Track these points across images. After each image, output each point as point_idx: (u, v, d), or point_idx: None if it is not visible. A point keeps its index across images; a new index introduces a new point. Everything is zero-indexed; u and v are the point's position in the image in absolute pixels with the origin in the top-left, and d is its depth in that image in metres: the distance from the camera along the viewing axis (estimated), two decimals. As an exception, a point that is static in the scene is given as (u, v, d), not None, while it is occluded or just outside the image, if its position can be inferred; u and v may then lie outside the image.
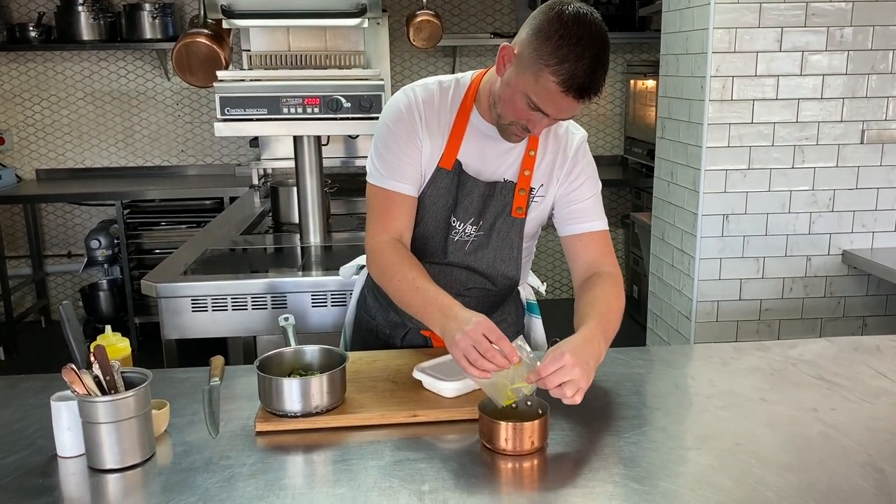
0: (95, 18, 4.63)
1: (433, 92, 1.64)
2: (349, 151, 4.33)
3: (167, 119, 5.05)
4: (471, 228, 1.67)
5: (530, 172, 1.65)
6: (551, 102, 1.44)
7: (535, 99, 1.44)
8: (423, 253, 1.69)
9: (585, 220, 1.70)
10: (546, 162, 1.67)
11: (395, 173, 1.62)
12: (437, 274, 1.69)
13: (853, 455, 1.30)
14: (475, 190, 1.64)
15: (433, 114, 1.63)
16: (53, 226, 5.13)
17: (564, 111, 1.46)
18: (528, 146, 1.65)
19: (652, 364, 1.77)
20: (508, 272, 1.73)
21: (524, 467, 1.28)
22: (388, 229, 1.63)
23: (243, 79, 2.52)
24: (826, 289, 3.15)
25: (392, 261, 1.58)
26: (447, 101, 1.64)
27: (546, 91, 1.42)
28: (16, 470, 1.27)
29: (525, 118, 1.50)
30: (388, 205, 1.64)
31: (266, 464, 1.28)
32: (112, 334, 1.54)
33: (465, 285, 1.73)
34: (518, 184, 1.65)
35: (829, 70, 2.94)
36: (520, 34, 1.48)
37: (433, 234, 1.68)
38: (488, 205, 1.65)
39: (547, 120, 1.49)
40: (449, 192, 1.64)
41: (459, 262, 1.70)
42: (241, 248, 2.91)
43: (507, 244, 1.70)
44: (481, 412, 1.32)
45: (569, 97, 1.41)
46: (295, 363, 1.51)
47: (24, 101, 4.94)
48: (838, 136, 3.00)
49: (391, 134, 1.63)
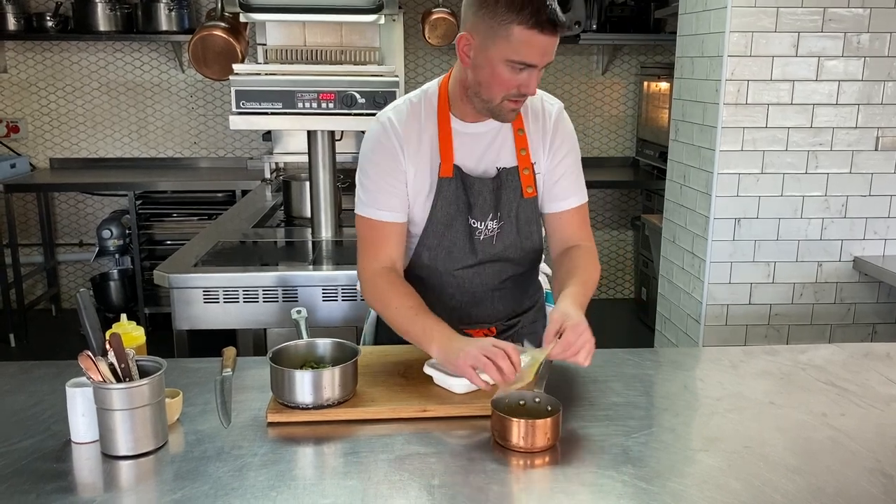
0: (112, 9, 4.66)
1: (405, 111, 1.65)
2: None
3: (181, 111, 5.08)
4: (491, 224, 1.68)
5: (526, 151, 1.67)
6: (533, 49, 1.45)
7: (516, 57, 1.45)
8: (453, 260, 1.70)
9: (566, 196, 1.73)
10: (534, 138, 1.69)
11: (379, 203, 1.65)
12: (471, 277, 1.72)
13: (862, 460, 1.31)
14: (484, 187, 1.66)
15: (412, 132, 1.64)
16: (66, 215, 5.16)
17: (548, 51, 1.47)
18: (515, 126, 1.67)
19: (661, 365, 1.78)
20: (534, 245, 1.75)
21: (533, 464, 1.28)
22: (380, 258, 1.66)
23: (259, 72, 2.53)
24: (836, 295, 3.14)
25: (385, 289, 1.62)
26: (421, 114, 1.65)
27: (523, 42, 1.43)
28: (31, 454, 1.28)
29: (515, 84, 1.50)
30: (377, 234, 1.66)
31: (277, 454, 1.29)
32: (127, 323, 1.56)
33: (500, 278, 1.75)
34: (520, 165, 1.67)
35: (844, 76, 2.93)
36: (465, 21, 1.52)
37: (457, 241, 1.69)
38: (500, 196, 1.67)
39: (536, 72, 1.49)
40: (458, 197, 1.65)
41: (489, 257, 1.71)
42: (252, 241, 2.92)
43: (527, 223, 1.71)
44: (494, 409, 1.33)
45: (545, 34, 1.43)
46: (307, 356, 1.52)
47: (39, 90, 4.97)
48: (852, 142, 2.99)
49: (371, 164, 1.66)
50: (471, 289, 1.74)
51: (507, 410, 1.34)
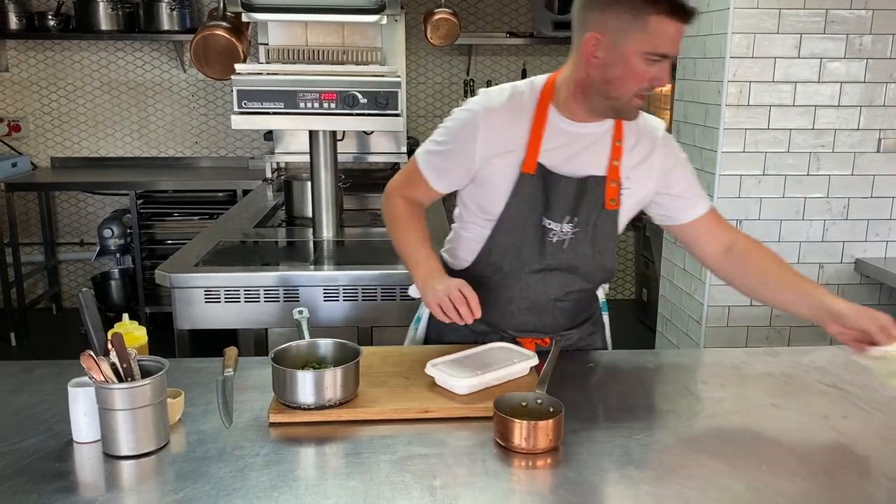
0: (114, 9, 4.66)
1: (505, 99, 1.64)
2: (363, 147, 4.34)
3: (182, 111, 5.08)
4: (567, 227, 1.65)
5: (619, 163, 1.65)
6: (669, 39, 1.46)
7: (653, 49, 1.46)
8: (521, 262, 1.68)
9: (693, 205, 1.73)
10: (632, 153, 1.67)
11: (434, 168, 1.71)
12: (535, 283, 1.70)
13: (864, 463, 1.30)
14: (568, 189, 1.63)
15: (503, 120, 1.62)
16: (67, 214, 5.16)
17: (676, 40, 1.48)
18: (615, 136, 1.65)
19: (662, 367, 1.78)
20: (606, 264, 1.74)
21: (535, 465, 1.28)
22: (407, 193, 1.77)
23: (261, 72, 2.53)
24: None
25: (403, 210, 1.75)
26: (521, 104, 1.64)
27: (660, 32, 1.45)
28: (33, 454, 1.28)
29: (648, 77, 1.49)
30: (417, 182, 1.74)
31: (279, 455, 1.29)
32: (129, 322, 1.56)
33: (564, 289, 1.72)
34: (608, 176, 1.65)
35: (847, 78, 2.93)
36: (586, 22, 1.53)
37: (527, 240, 1.67)
38: (581, 201, 1.64)
39: (668, 63, 1.50)
40: (535, 195, 1.63)
41: (559, 263, 1.68)
42: (253, 240, 2.92)
43: (604, 236, 1.69)
44: (496, 410, 1.33)
45: (678, 22, 1.45)
46: (309, 356, 1.52)
47: (41, 89, 4.97)
48: (854, 144, 2.99)
49: (450, 132, 1.68)
50: (532, 296, 1.71)
51: (509, 411, 1.34)
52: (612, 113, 1.60)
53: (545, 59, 5.12)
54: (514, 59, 5.10)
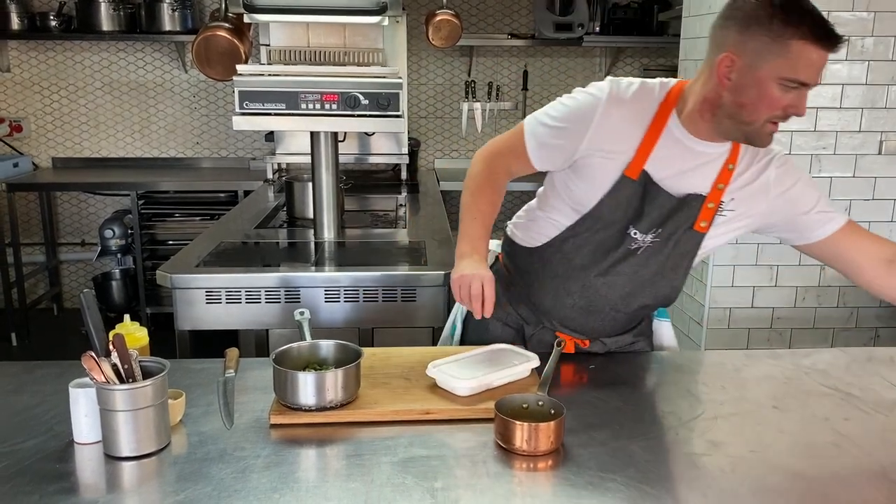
0: (115, 9, 4.66)
1: (634, 92, 1.58)
2: (364, 148, 4.34)
3: (183, 111, 5.08)
4: (649, 237, 1.61)
5: (724, 186, 1.59)
6: (810, 66, 1.39)
7: (792, 75, 1.39)
8: (595, 261, 1.65)
9: (827, 220, 1.64)
10: (743, 178, 1.60)
11: (539, 141, 1.64)
12: (599, 286, 1.66)
13: (866, 465, 1.30)
14: (666, 204, 1.58)
15: (624, 115, 1.56)
16: (68, 214, 5.16)
17: (818, 68, 1.41)
18: (728, 160, 1.58)
19: (664, 369, 1.78)
20: (675, 281, 1.68)
21: (536, 468, 1.28)
22: (500, 159, 1.71)
23: (262, 73, 2.53)
24: (839, 299, 3.14)
25: (483, 181, 1.70)
26: (645, 105, 1.57)
27: (802, 58, 1.38)
28: (34, 455, 1.28)
29: (782, 105, 1.43)
30: (516, 150, 1.67)
31: (280, 456, 1.29)
32: (130, 323, 1.56)
33: (626, 299, 1.68)
34: (708, 197, 1.59)
35: (848, 80, 2.93)
36: (723, 41, 1.46)
37: (606, 242, 1.63)
38: (673, 216, 1.60)
39: (806, 92, 1.43)
40: (631, 202, 1.58)
41: (627, 270, 1.65)
42: (254, 241, 2.92)
43: (680, 254, 1.64)
44: (497, 411, 1.33)
45: (822, 49, 1.39)
46: (310, 357, 1.52)
47: (42, 89, 4.97)
48: (856, 146, 2.99)
49: (563, 111, 1.61)
50: (592, 297, 1.69)
51: (511, 413, 1.33)
52: (741, 137, 1.52)
53: (547, 60, 5.12)
54: (516, 60, 5.10)
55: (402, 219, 3.40)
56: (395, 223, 3.36)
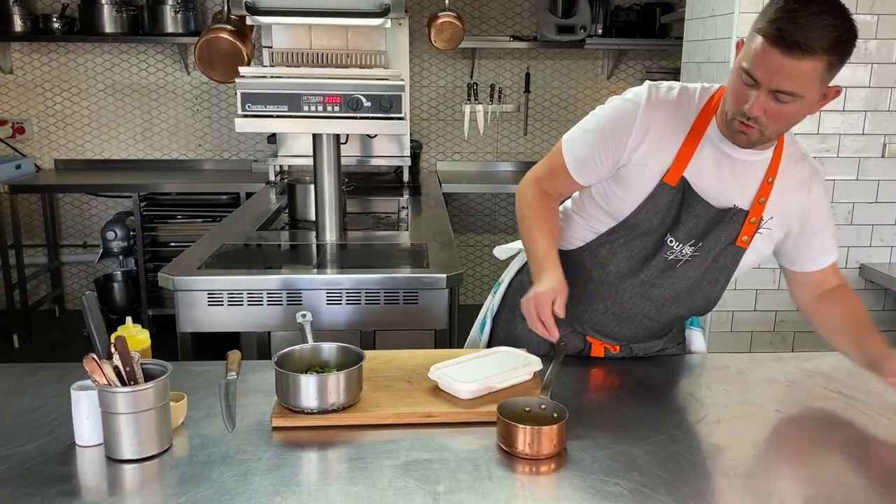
0: (118, 11, 4.66)
1: (674, 97, 1.55)
2: (366, 150, 4.34)
3: (186, 113, 5.08)
4: (688, 249, 1.59)
5: (765, 201, 1.56)
6: (758, 63, 1.33)
7: (747, 65, 1.35)
8: (631, 268, 1.63)
9: (819, 257, 1.66)
10: (782, 193, 1.57)
11: (578, 157, 1.61)
12: (632, 294, 1.65)
13: (870, 470, 1.30)
14: (704, 214, 1.55)
15: (664, 120, 1.53)
16: (70, 216, 5.16)
17: (769, 70, 1.32)
18: (768, 173, 1.55)
19: (666, 372, 1.77)
20: (712, 294, 1.66)
21: (539, 471, 1.28)
22: (545, 184, 1.69)
23: (265, 75, 2.53)
24: (842, 302, 3.13)
25: (537, 206, 1.67)
26: (685, 109, 1.54)
27: (757, 52, 1.33)
28: (35, 457, 1.28)
29: (743, 99, 1.39)
30: (557, 171, 1.66)
31: (282, 459, 1.28)
32: (132, 326, 1.55)
33: (660, 309, 1.67)
34: (750, 212, 1.56)
35: (851, 82, 2.92)
36: None
37: (643, 251, 1.61)
38: (713, 230, 1.57)
39: (760, 95, 1.36)
40: (669, 210, 1.56)
41: (664, 282, 1.63)
42: (256, 243, 2.92)
43: (719, 268, 1.63)
44: (500, 415, 1.32)
45: (773, 49, 1.30)
46: (312, 360, 1.51)
47: (45, 91, 4.98)
48: (859, 149, 2.99)
49: (602, 123, 1.58)
50: (625, 304, 1.67)
51: (513, 417, 1.33)
52: (726, 132, 1.50)
53: (549, 62, 5.12)
54: (518, 62, 5.10)
55: (404, 221, 3.40)
56: (397, 225, 3.36)
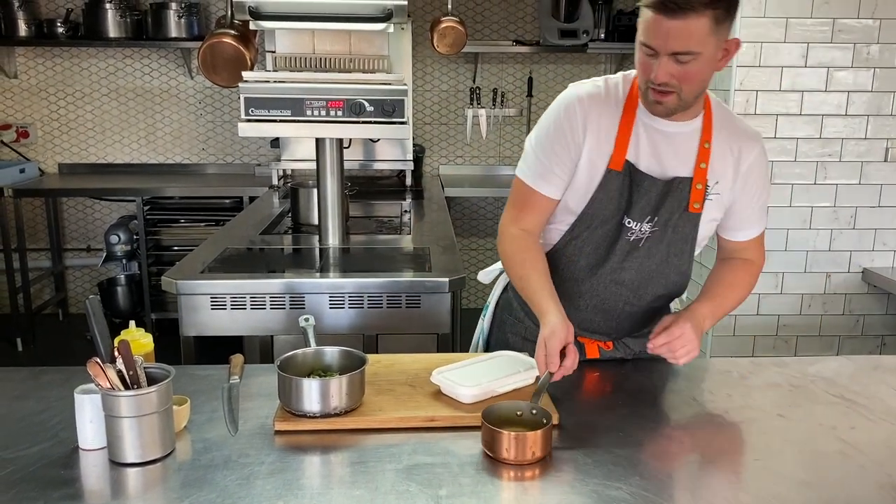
0: (122, 16, 4.68)
1: (601, 91, 1.63)
2: (369, 154, 4.35)
3: (189, 117, 5.09)
4: (646, 226, 1.64)
5: (706, 165, 1.62)
6: (650, 32, 1.44)
7: (643, 39, 1.46)
8: (598, 259, 1.67)
9: (744, 227, 1.73)
10: (720, 156, 1.63)
11: (542, 175, 1.65)
12: (607, 283, 1.68)
13: (872, 474, 1.30)
14: (653, 189, 1.61)
15: (599, 111, 1.61)
16: (74, 220, 5.18)
17: (661, 36, 1.43)
18: (703, 138, 1.62)
19: (669, 376, 1.77)
20: (682, 266, 1.71)
21: (541, 475, 1.28)
22: (520, 223, 1.70)
23: (268, 80, 2.54)
24: (845, 306, 3.13)
25: (517, 254, 1.68)
26: (612, 97, 1.62)
27: (648, 24, 1.44)
28: (38, 461, 1.28)
29: (649, 69, 1.48)
30: (527, 200, 1.68)
31: (284, 463, 1.29)
32: (136, 330, 1.56)
33: (637, 292, 1.70)
34: (694, 178, 1.62)
35: (854, 87, 2.93)
36: None
37: (605, 238, 1.66)
38: (664, 202, 1.62)
39: (662, 60, 1.45)
40: (621, 194, 1.62)
41: (633, 264, 1.67)
42: (259, 247, 2.93)
43: (681, 238, 1.67)
44: (484, 420, 1.32)
45: (657, 15, 1.41)
46: (315, 364, 1.52)
47: (49, 95, 4.99)
48: (862, 153, 2.99)
49: (548, 134, 1.64)
50: (604, 294, 1.71)
51: (498, 422, 1.33)
52: (646, 104, 1.57)
53: (551, 66, 5.13)
54: (521, 66, 5.10)
55: (406, 225, 3.41)
56: (400, 229, 3.36)
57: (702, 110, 1.62)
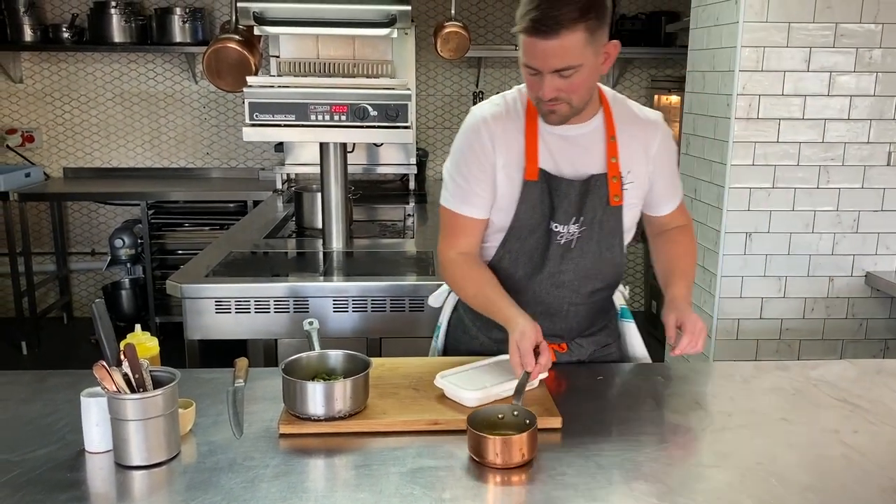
0: (127, 21, 4.70)
1: (501, 109, 1.68)
2: (372, 159, 4.36)
3: (193, 122, 5.11)
4: (573, 227, 1.68)
5: (616, 159, 1.67)
6: (530, 54, 1.50)
7: (524, 60, 1.52)
8: (534, 267, 1.71)
9: (666, 202, 1.82)
10: (628, 147, 1.69)
11: (464, 198, 1.70)
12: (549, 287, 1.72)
13: (875, 478, 1.30)
14: (571, 191, 1.65)
15: (505, 130, 1.66)
16: (79, 224, 5.20)
17: (540, 57, 1.49)
18: (607, 133, 1.67)
19: (672, 380, 1.77)
20: (615, 258, 1.75)
21: (543, 479, 1.28)
22: (457, 246, 1.73)
23: (272, 85, 2.55)
24: (848, 310, 3.12)
25: (462, 275, 1.73)
26: (513, 112, 1.67)
27: (526, 48, 1.50)
28: (45, 463, 1.29)
29: (536, 87, 1.54)
30: (457, 225, 1.73)
31: (289, 466, 1.29)
32: (141, 333, 1.57)
33: (577, 291, 1.74)
34: (609, 173, 1.67)
35: (856, 91, 2.93)
36: None
37: (538, 247, 1.69)
38: (586, 201, 1.66)
39: (546, 78, 1.51)
40: (542, 201, 1.66)
41: (569, 266, 1.70)
42: (264, 251, 2.94)
43: (609, 233, 1.71)
44: (469, 425, 1.32)
45: (532, 38, 1.47)
46: (319, 367, 1.53)
47: (54, 100, 5.02)
48: (864, 157, 2.99)
49: (463, 159, 1.70)
50: (547, 300, 1.74)
51: (483, 426, 1.33)
52: (542, 116, 1.63)
53: (554, 71, 5.13)
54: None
55: (410, 229, 3.42)
56: (403, 233, 3.37)
57: (599, 108, 1.68)
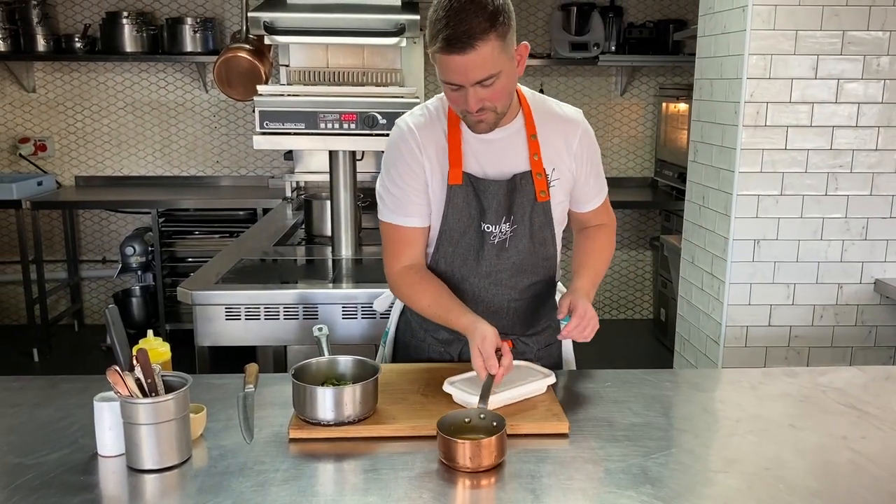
0: (139, 31, 4.75)
1: (423, 118, 1.71)
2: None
3: (204, 130, 5.15)
4: (505, 226, 1.71)
5: (538, 156, 1.70)
6: (449, 72, 1.51)
7: (445, 79, 1.54)
8: (469, 268, 1.74)
9: (590, 199, 1.85)
10: (549, 144, 1.72)
11: (401, 209, 1.72)
12: (487, 286, 1.75)
13: (883, 484, 1.30)
14: (499, 191, 1.69)
15: (429, 138, 1.69)
16: (90, 231, 5.24)
17: (461, 72, 1.50)
18: (528, 132, 1.71)
19: (680, 387, 1.78)
20: (547, 253, 1.78)
21: (551, 483, 1.29)
22: (402, 259, 1.75)
23: (282, 93, 2.57)
24: (857, 318, 3.11)
25: (411, 287, 1.73)
26: (436, 120, 1.70)
27: (443, 66, 1.51)
28: (58, 467, 1.31)
29: (461, 101, 1.55)
30: (399, 238, 1.75)
31: (299, 470, 1.31)
32: (153, 339, 1.58)
33: (515, 288, 1.77)
34: (532, 170, 1.70)
35: (864, 98, 2.93)
36: None
37: (472, 248, 1.72)
38: (514, 200, 1.70)
39: (469, 91, 1.52)
40: (469, 204, 1.69)
41: (505, 265, 1.74)
42: (273, 258, 2.96)
43: (540, 228, 1.74)
44: (438, 429, 1.32)
45: (449, 56, 1.48)
46: (328, 373, 1.54)
47: (66, 109, 5.07)
48: (873, 164, 2.99)
49: (394, 170, 1.72)
50: (486, 298, 1.76)
51: (452, 430, 1.34)
52: (469, 126, 1.64)
53: (562, 79, 5.16)
54: (532, 79, 5.13)
55: (418, 236, 3.42)
56: (412, 241, 3.38)
57: (519, 108, 1.71)
